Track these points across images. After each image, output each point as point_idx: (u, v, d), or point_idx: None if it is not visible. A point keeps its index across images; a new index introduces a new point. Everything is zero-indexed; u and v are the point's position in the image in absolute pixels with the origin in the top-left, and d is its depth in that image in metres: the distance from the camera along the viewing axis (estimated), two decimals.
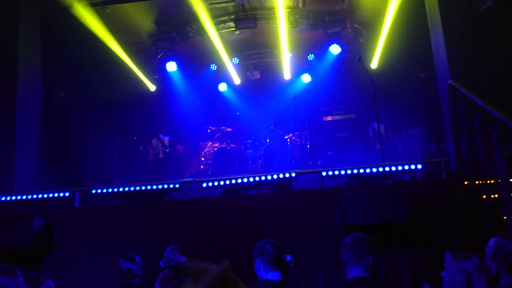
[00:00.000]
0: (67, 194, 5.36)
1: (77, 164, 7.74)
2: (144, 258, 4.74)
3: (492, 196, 4.22)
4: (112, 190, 5.25)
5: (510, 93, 5.37)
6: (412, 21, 7.89)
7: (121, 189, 5.22)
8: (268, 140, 9.69)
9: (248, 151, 9.68)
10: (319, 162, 10.06)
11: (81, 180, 7.57)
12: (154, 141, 9.84)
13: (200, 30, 10.02)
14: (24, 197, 5.39)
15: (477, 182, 4.54)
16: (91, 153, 8.13)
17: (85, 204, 5.52)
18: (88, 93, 8.49)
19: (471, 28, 5.82)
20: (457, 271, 2.38)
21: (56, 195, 5.37)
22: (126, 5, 8.77)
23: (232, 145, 9.89)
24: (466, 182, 4.66)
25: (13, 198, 5.39)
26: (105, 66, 9.23)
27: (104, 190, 5.27)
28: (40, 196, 5.39)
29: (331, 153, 10.02)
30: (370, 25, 10.29)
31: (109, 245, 4.87)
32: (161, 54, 10.94)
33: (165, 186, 5.18)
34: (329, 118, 10.40)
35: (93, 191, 5.28)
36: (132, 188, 5.21)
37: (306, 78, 11.71)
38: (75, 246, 4.90)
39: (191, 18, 9.58)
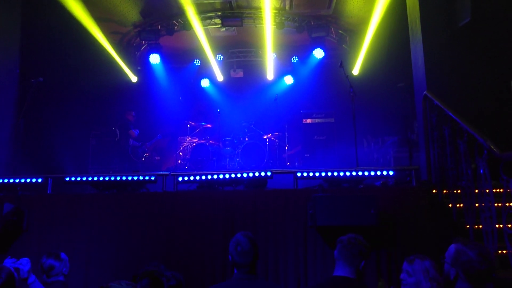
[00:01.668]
0: (39, 180, 5.29)
1: (52, 151, 7.61)
2: (114, 249, 4.76)
3: (458, 205, 4.39)
4: (86, 179, 5.21)
5: (482, 107, 5.59)
6: (394, 31, 8.08)
7: (95, 178, 5.19)
8: (247, 139, 9.75)
9: (226, 148, 9.71)
10: (296, 163, 10.18)
11: (55, 167, 7.44)
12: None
13: (185, 25, 9.99)
14: None
15: (444, 191, 4.71)
16: (67, 140, 8.01)
17: (58, 191, 5.46)
18: (68, 79, 8.35)
19: (450, 43, 6.02)
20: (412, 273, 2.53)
21: (28, 180, 5.29)
22: None
23: (211, 142, 9.89)
24: (434, 191, 4.83)
25: None
26: (86, 54, 9.09)
27: (78, 178, 5.22)
28: (11, 181, 5.30)
29: (308, 155, 10.15)
30: (354, 32, 10.48)
31: (79, 234, 4.83)
32: (145, 45, 10.87)
33: (140, 177, 5.17)
34: (309, 120, 10.50)
35: (67, 179, 5.23)
36: (106, 178, 5.18)
37: (288, 79, 11.84)
38: (44, 232, 4.84)
39: (178, 11, 9.55)
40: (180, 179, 5.20)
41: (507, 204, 3.53)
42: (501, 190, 3.60)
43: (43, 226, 4.88)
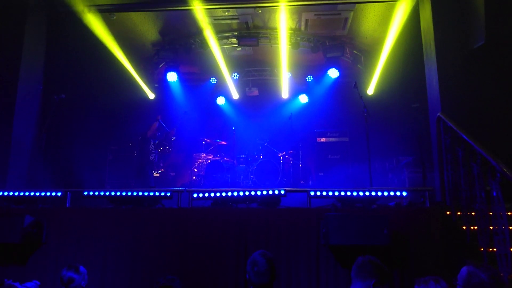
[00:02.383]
0: (59, 194, 5.44)
1: (71, 165, 7.80)
2: (130, 262, 4.84)
3: (472, 227, 4.37)
4: (104, 194, 5.34)
5: (496, 130, 5.58)
6: (409, 52, 8.14)
7: (112, 193, 5.31)
8: (261, 156, 9.83)
9: (241, 165, 9.80)
10: (310, 182, 10.20)
11: (74, 181, 7.62)
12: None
13: (203, 44, 10.24)
14: (16, 193, 5.46)
15: (458, 213, 4.70)
16: (86, 155, 8.20)
17: (76, 205, 5.60)
18: (88, 96, 8.61)
19: (464, 65, 6.07)
20: None
21: (48, 194, 5.44)
22: (132, 14, 8.97)
23: (225, 159, 10.01)
24: (448, 212, 4.81)
25: (5, 194, 5.47)
26: (107, 71, 9.37)
27: (96, 193, 5.35)
28: (32, 194, 5.46)
29: (322, 174, 10.17)
30: (368, 53, 10.58)
31: (95, 247, 4.94)
32: (163, 64, 11.13)
33: (156, 193, 5.28)
34: (323, 139, 10.58)
35: (85, 193, 5.36)
36: (123, 193, 5.30)
37: (303, 98, 11.96)
38: (62, 245, 4.97)
39: (195, 31, 9.80)
40: (195, 195, 5.29)
41: None
42: None
43: (61, 239, 5.01)
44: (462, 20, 6.26)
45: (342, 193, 5.05)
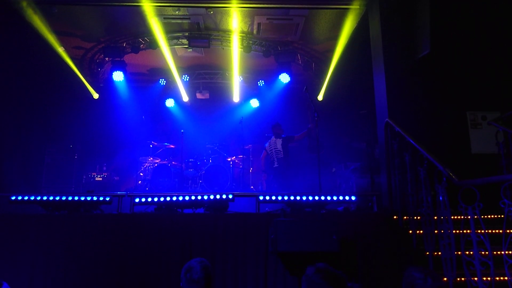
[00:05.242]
0: None
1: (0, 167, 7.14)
2: (62, 274, 4.42)
3: (418, 231, 4.40)
4: (35, 198, 4.87)
5: (440, 135, 5.75)
6: (358, 59, 8.28)
7: (44, 198, 4.86)
8: (210, 161, 9.58)
9: (189, 170, 9.49)
10: (259, 187, 10.07)
11: (3, 185, 6.97)
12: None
13: (152, 43, 9.85)
14: None
15: (405, 218, 4.74)
16: (18, 157, 7.54)
17: (2, 211, 5.06)
18: (24, 92, 7.95)
19: (411, 72, 6.24)
20: None
21: None
22: (76, 8, 8.42)
23: (173, 163, 9.65)
24: (395, 217, 4.85)
25: None
26: (46, 67, 8.75)
27: (26, 198, 4.87)
28: None
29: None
30: (319, 59, 10.70)
31: (24, 257, 4.47)
32: (108, 62, 10.59)
33: (94, 198, 4.89)
34: None
35: (13, 198, 4.86)
36: (57, 198, 4.86)
37: (254, 103, 11.87)
38: None
39: (144, 29, 9.41)
40: (137, 200, 4.97)
41: (465, 231, 3.56)
42: (460, 217, 3.63)
43: None
44: (409, 29, 6.43)
45: (292, 198, 4.95)
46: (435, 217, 4.01)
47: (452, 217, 3.77)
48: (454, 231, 3.74)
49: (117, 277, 4.46)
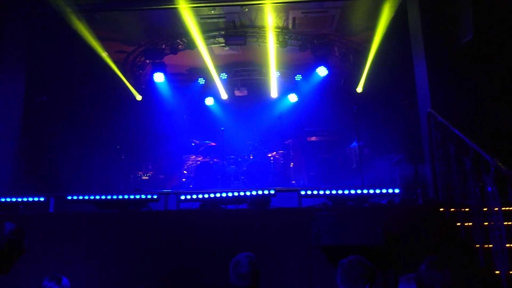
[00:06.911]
0: (42, 199, 5.26)
1: (55, 169, 7.59)
2: (115, 268, 4.67)
3: (466, 224, 4.29)
4: (88, 198, 5.17)
5: (486, 124, 5.52)
6: (397, 49, 8.08)
7: (97, 197, 5.15)
8: (251, 157, 9.69)
9: (231, 166, 9.65)
10: (301, 181, 10.09)
11: (59, 186, 7.41)
12: None
13: (190, 44, 10.08)
14: None
15: (452, 209, 4.62)
16: (70, 159, 7.99)
17: (60, 210, 5.41)
18: (72, 98, 8.39)
19: (453, 59, 6.01)
20: None
21: (30, 199, 5.26)
22: (117, 14, 8.78)
23: (215, 160, 9.86)
24: (441, 209, 4.73)
25: None
26: (91, 73, 9.18)
27: (80, 197, 5.18)
28: (14, 199, 5.27)
29: (313, 173, 10.07)
30: (357, 50, 10.52)
31: (80, 254, 4.76)
32: (149, 64, 10.94)
33: (143, 196, 5.13)
34: (313, 138, 10.49)
35: (69, 197, 5.19)
36: (108, 197, 5.14)
37: (292, 97, 11.85)
38: (45, 252, 4.78)
39: (182, 31, 9.63)
40: (182, 197, 5.15)
41: None
42: (510, 208, 3.52)
43: (44, 245, 4.82)
44: (449, 15, 6.20)
45: (334, 192, 4.95)
46: (484, 209, 3.89)
47: (503, 208, 3.64)
48: (505, 223, 3.62)
49: (165, 270, 4.65)
